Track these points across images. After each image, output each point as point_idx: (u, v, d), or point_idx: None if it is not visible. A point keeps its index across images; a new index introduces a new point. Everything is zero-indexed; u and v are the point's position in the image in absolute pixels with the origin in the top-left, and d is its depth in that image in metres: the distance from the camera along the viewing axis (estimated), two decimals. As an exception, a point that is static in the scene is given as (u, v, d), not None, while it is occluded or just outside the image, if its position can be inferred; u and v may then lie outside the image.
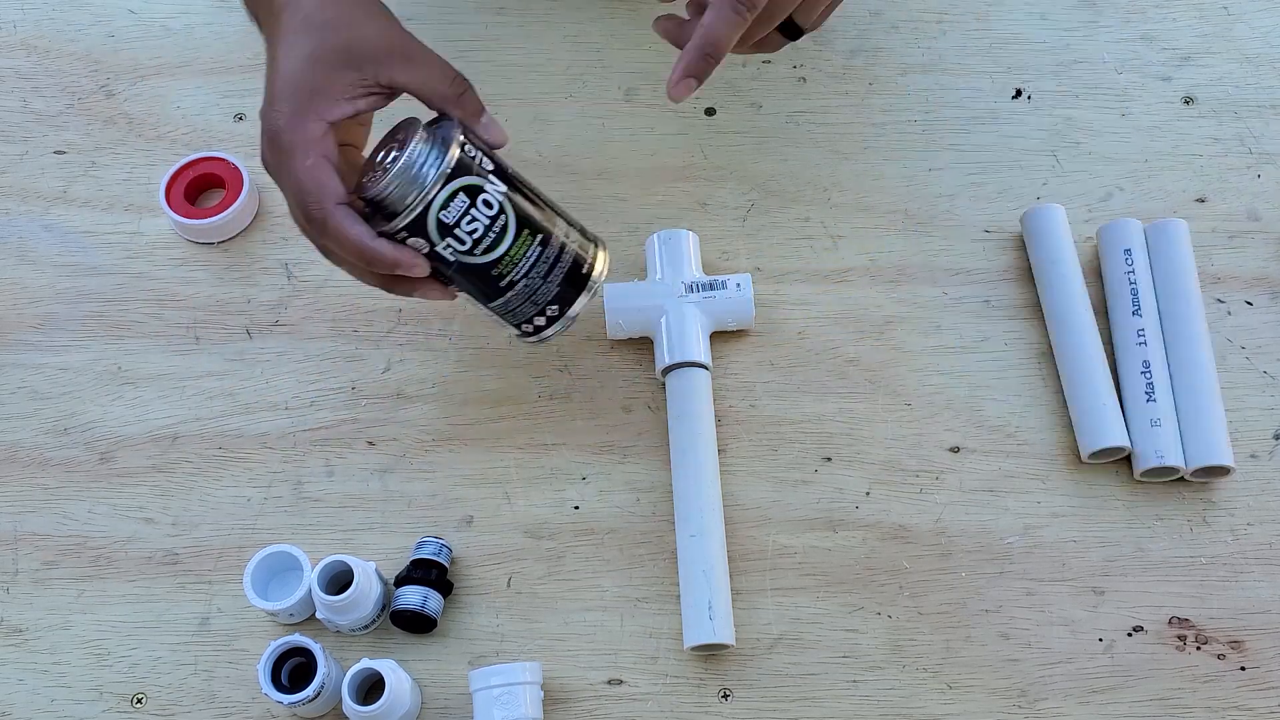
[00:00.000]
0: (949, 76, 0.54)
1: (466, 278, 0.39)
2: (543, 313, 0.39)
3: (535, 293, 0.39)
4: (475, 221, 0.37)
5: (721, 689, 0.42)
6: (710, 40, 0.38)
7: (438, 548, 0.43)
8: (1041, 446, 0.46)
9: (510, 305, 0.39)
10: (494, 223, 0.37)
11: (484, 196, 0.37)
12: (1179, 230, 0.48)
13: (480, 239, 0.37)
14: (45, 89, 0.54)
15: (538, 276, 0.39)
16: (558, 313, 0.39)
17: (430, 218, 0.36)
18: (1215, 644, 0.43)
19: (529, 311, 0.39)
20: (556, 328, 0.40)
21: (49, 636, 0.43)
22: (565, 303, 0.39)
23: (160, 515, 0.45)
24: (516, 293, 0.39)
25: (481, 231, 0.37)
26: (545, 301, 0.39)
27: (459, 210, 0.37)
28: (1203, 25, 0.55)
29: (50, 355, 0.48)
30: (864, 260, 0.50)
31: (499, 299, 0.39)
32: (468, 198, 0.37)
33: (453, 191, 0.36)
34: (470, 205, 0.37)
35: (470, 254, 0.37)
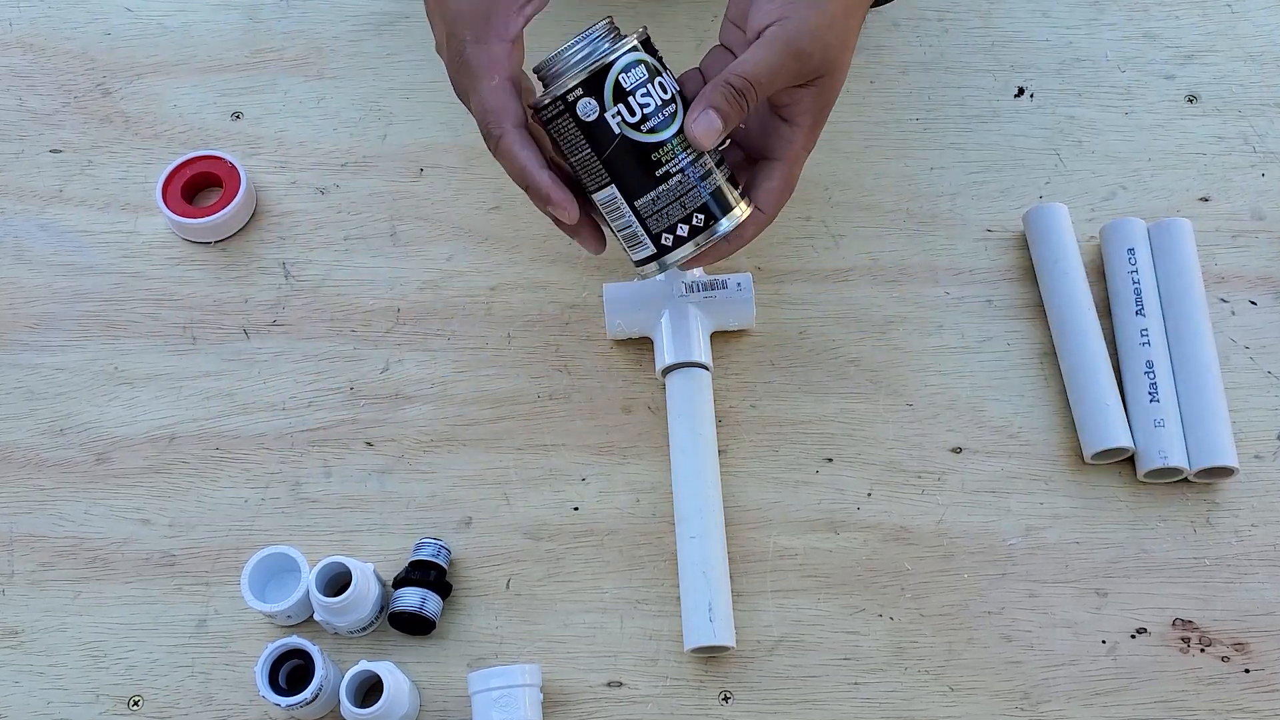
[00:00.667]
0: (950, 74, 0.54)
1: (624, 159, 0.37)
2: (689, 219, 0.38)
3: (687, 194, 0.38)
4: (650, 96, 0.37)
5: (722, 691, 0.42)
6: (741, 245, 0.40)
7: (436, 549, 0.43)
8: (1044, 447, 0.46)
9: (659, 203, 0.38)
10: (666, 105, 0.37)
11: (661, 80, 0.37)
12: (1182, 229, 0.48)
13: (650, 115, 0.37)
14: (41, 87, 0.54)
15: (694, 177, 0.38)
16: (702, 223, 0.38)
17: (610, 76, 0.36)
18: (1219, 646, 0.43)
19: (675, 215, 0.38)
20: (691, 247, 0.38)
21: (45, 638, 0.43)
22: (712, 216, 0.38)
23: (157, 516, 0.45)
24: (670, 187, 0.37)
25: (653, 108, 0.37)
26: (693, 207, 0.38)
27: (638, 80, 0.37)
28: (1206, 23, 0.55)
29: (46, 355, 0.48)
30: (865, 260, 0.50)
31: (650, 192, 0.37)
32: (647, 72, 0.37)
33: (636, 60, 0.37)
34: (648, 80, 0.37)
35: (637, 129, 0.37)
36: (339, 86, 0.54)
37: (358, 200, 0.51)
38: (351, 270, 0.50)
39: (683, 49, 0.54)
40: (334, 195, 0.51)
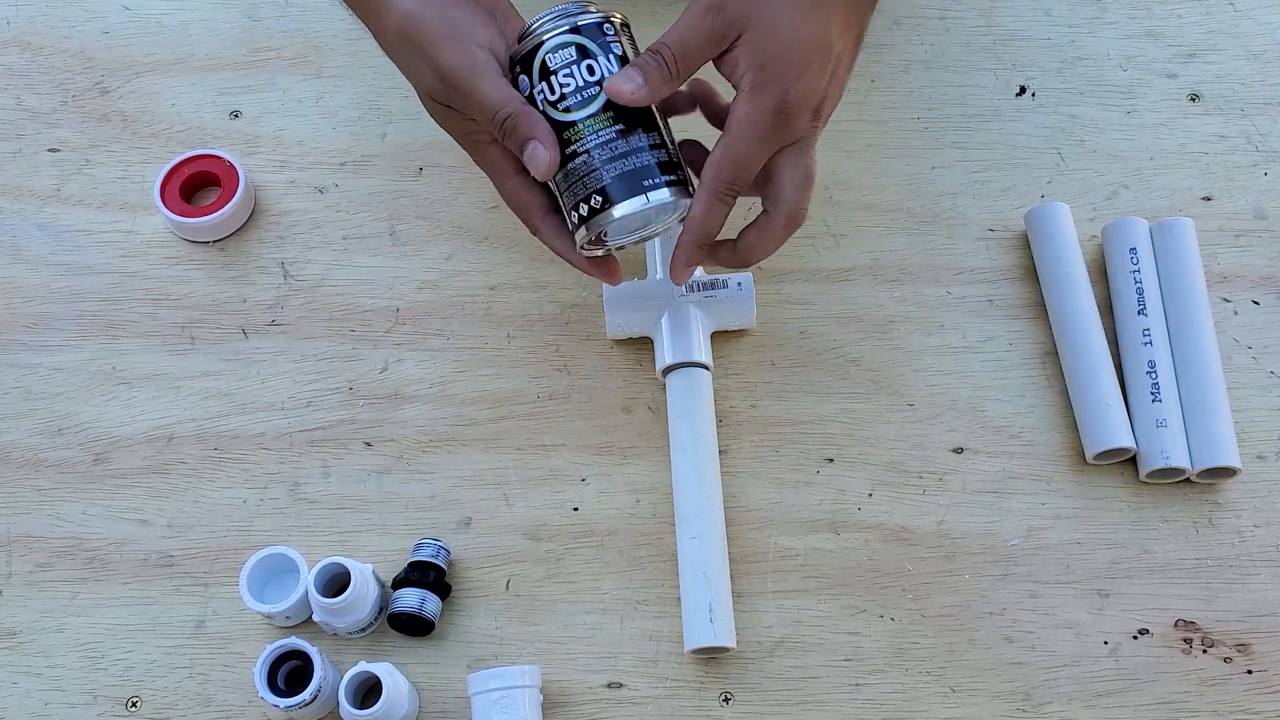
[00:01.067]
0: (952, 73, 0.54)
1: None
2: (587, 200, 0.38)
3: (589, 174, 0.38)
4: (572, 77, 0.38)
5: (723, 692, 0.42)
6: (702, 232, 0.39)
7: (436, 549, 0.43)
8: (1046, 447, 0.46)
9: (570, 178, 0.39)
10: (587, 87, 0.38)
11: (591, 63, 0.38)
12: (1185, 229, 0.48)
13: (568, 95, 0.38)
14: (39, 86, 0.53)
15: (596, 158, 0.38)
16: (599, 205, 0.38)
17: (539, 55, 0.38)
18: (1222, 647, 0.43)
19: (578, 193, 0.39)
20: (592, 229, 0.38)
21: (43, 639, 0.43)
22: (607, 199, 0.38)
23: (155, 517, 0.45)
24: (576, 166, 0.38)
25: (572, 88, 0.38)
26: (593, 188, 0.38)
27: (564, 60, 0.38)
28: (1208, 21, 0.55)
29: (44, 355, 0.48)
30: (866, 259, 0.50)
31: (563, 168, 0.39)
32: (577, 54, 0.38)
33: (568, 42, 0.38)
34: (575, 61, 0.38)
35: (554, 106, 0.38)
36: (338, 85, 0.54)
37: (357, 199, 0.51)
38: (350, 270, 0.50)
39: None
40: (333, 194, 0.51)
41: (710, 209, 0.39)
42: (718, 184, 0.38)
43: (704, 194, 0.39)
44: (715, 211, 0.39)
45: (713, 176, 0.38)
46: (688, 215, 0.39)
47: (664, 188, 0.39)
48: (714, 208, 0.39)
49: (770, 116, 0.38)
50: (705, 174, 0.39)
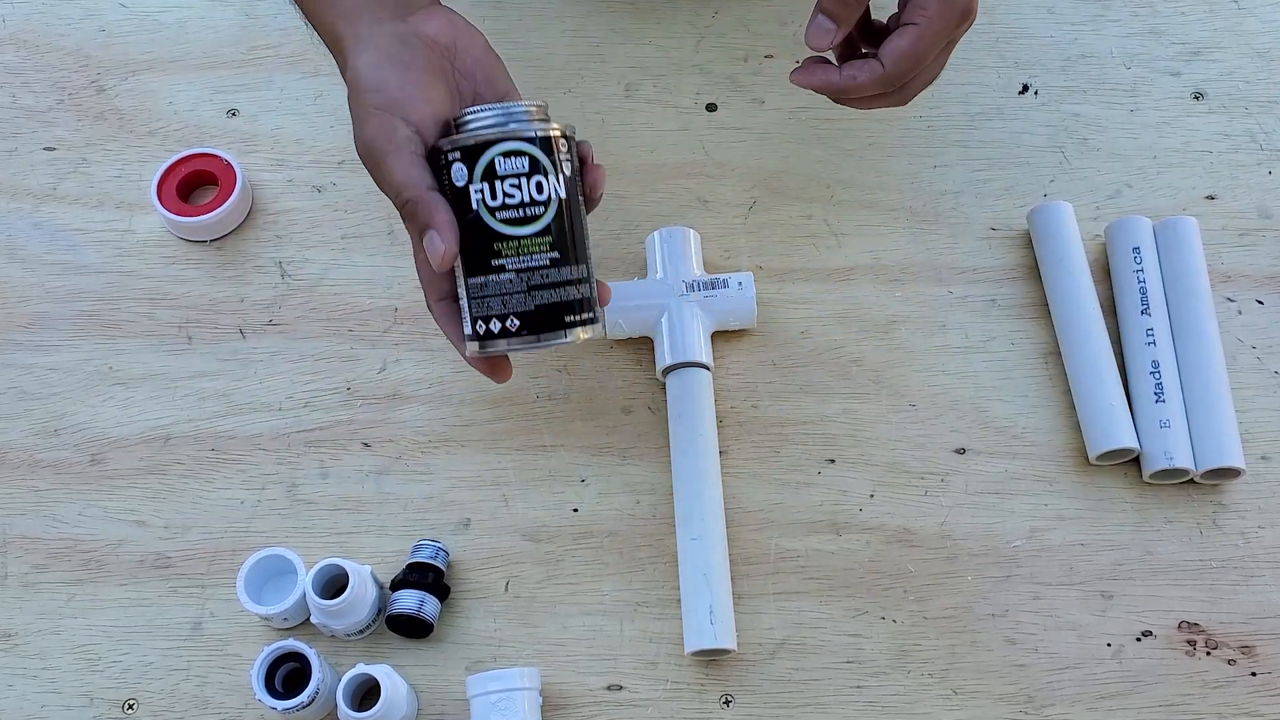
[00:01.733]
0: (954, 71, 0.53)
1: (470, 236, 0.37)
2: (503, 319, 0.37)
3: (510, 294, 0.37)
4: (519, 189, 0.37)
5: (723, 695, 0.42)
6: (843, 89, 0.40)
7: (434, 551, 0.43)
8: (1048, 448, 0.46)
9: (485, 290, 0.37)
10: (533, 204, 0.37)
11: (541, 180, 0.37)
12: (1188, 228, 0.48)
13: (511, 206, 0.37)
14: (35, 84, 0.53)
15: (523, 281, 0.37)
16: (515, 328, 0.37)
17: (487, 154, 0.36)
18: (1226, 649, 0.42)
19: (493, 308, 0.37)
20: (500, 345, 0.38)
21: (38, 641, 0.43)
22: (527, 327, 0.37)
23: (152, 518, 0.45)
24: (498, 281, 0.37)
25: (517, 200, 0.37)
26: (512, 310, 0.37)
27: (514, 169, 0.36)
28: (1213, 19, 0.54)
29: (40, 355, 0.48)
30: (868, 258, 0.49)
31: (480, 276, 0.37)
32: (529, 168, 0.37)
33: (519, 150, 0.37)
34: (525, 174, 0.37)
35: (492, 214, 0.37)
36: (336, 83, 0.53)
37: (355, 198, 0.51)
38: (349, 269, 0.49)
39: (682, 45, 0.54)
40: (331, 193, 0.51)
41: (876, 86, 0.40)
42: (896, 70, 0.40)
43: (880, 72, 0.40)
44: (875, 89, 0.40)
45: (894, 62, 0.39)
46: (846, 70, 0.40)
47: (579, 326, 0.38)
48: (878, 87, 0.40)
49: (958, 14, 0.39)
50: (888, 57, 0.39)
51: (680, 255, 0.47)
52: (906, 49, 0.39)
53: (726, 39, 0.54)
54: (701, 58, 0.54)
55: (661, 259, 0.47)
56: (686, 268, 0.47)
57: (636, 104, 0.52)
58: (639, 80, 0.53)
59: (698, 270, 0.47)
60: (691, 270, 0.47)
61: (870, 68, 0.40)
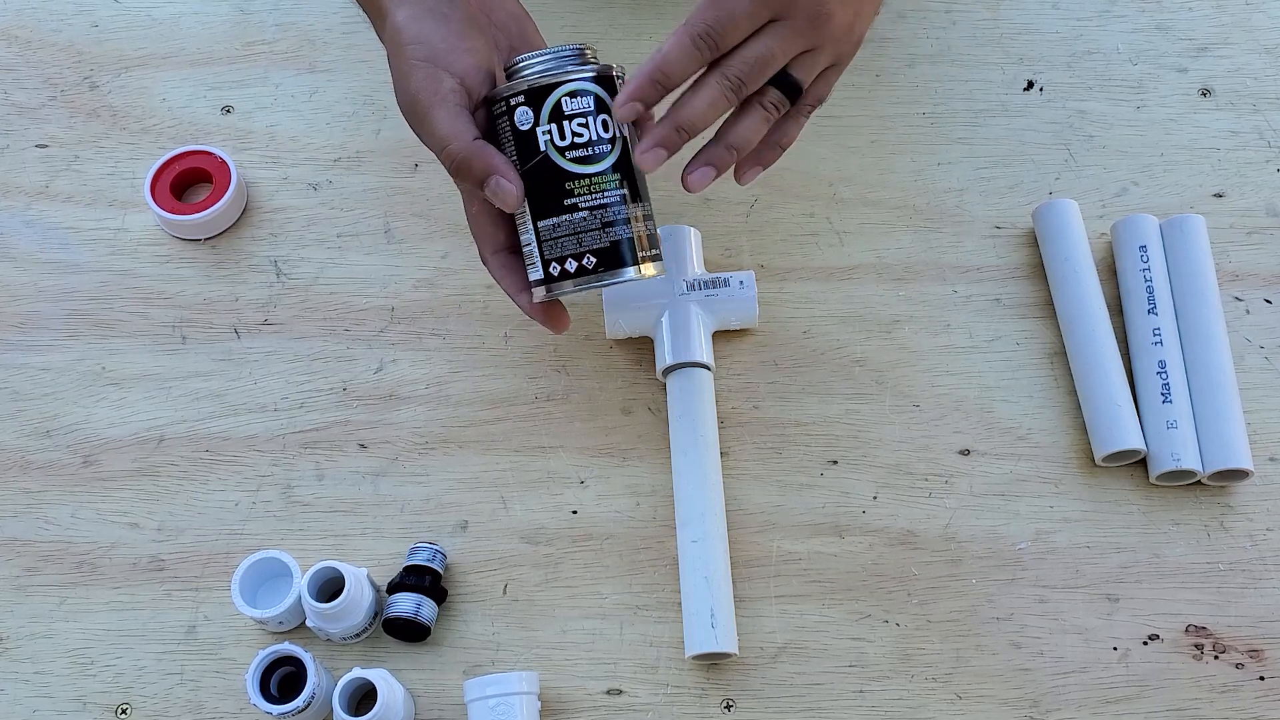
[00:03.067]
0: (958, 68, 0.53)
1: (539, 178, 0.37)
2: (579, 257, 0.37)
3: (585, 232, 0.37)
4: (586, 128, 0.37)
5: (724, 699, 0.41)
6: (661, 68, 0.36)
7: (432, 554, 0.42)
8: (1054, 449, 0.45)
9: (559, 231, 0.37)
10: (600, 142, 0.37)
11: (606, 118, 0.37)
12: (1195, 226, 0.47)
13: (580, 144, 0.37)
14: (27, 81, 0.53)
15: (597, 218, 0.37)
16: (591, 266, 0.37)
17: (554, 95, 0.36)
18: (1233, 653, 0.42)
19: (568, 248, 0.38)
20: (574, 284, 0.38)
21: (30, 645, 0.42)
22: (601, 263, 0.37)
23: (145, 520, 0.44)
24: (572, 220, 0.37)
25: (586, 139, 0.37)
26: (588, 248, 0.37)
27: (580, 108, 0.37)
28: (1220, 15, 0.54)
29: (32, 355, 0.47)
30: (871, 257, 0.49)
31: (553, 218, 0.37)
32: (594, 106, 0.37)
33: (584, 89, 0.37)
34: (591, 113, 0.37)
35: (562, 154, 0.37)
36: (332, 80, 0.53)
37: (351, 196, 0.50)
38: (345, 268, 0.49)
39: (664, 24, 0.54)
40: (327, 191, 0.50)
41: (680, 48, 0.36)
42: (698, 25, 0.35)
43: (681, 30, 0.36)
44: (684, 53, 0.36)
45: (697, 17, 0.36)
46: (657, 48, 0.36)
47: (648, 262, 0.38)
48: (684, 48, 0.36)
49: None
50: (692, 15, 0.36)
51: (681, 254, 0.47)
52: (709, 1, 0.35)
53: (727, 35, 0.54)
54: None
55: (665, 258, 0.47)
56: (687, 266, 0.47)
57: (636, 100, 0.52)
58: (639, 76, 0.53)
59: (698, 269, 0.47)
60: (692, 269, 0.47)
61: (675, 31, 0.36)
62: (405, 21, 0.37)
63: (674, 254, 0.47)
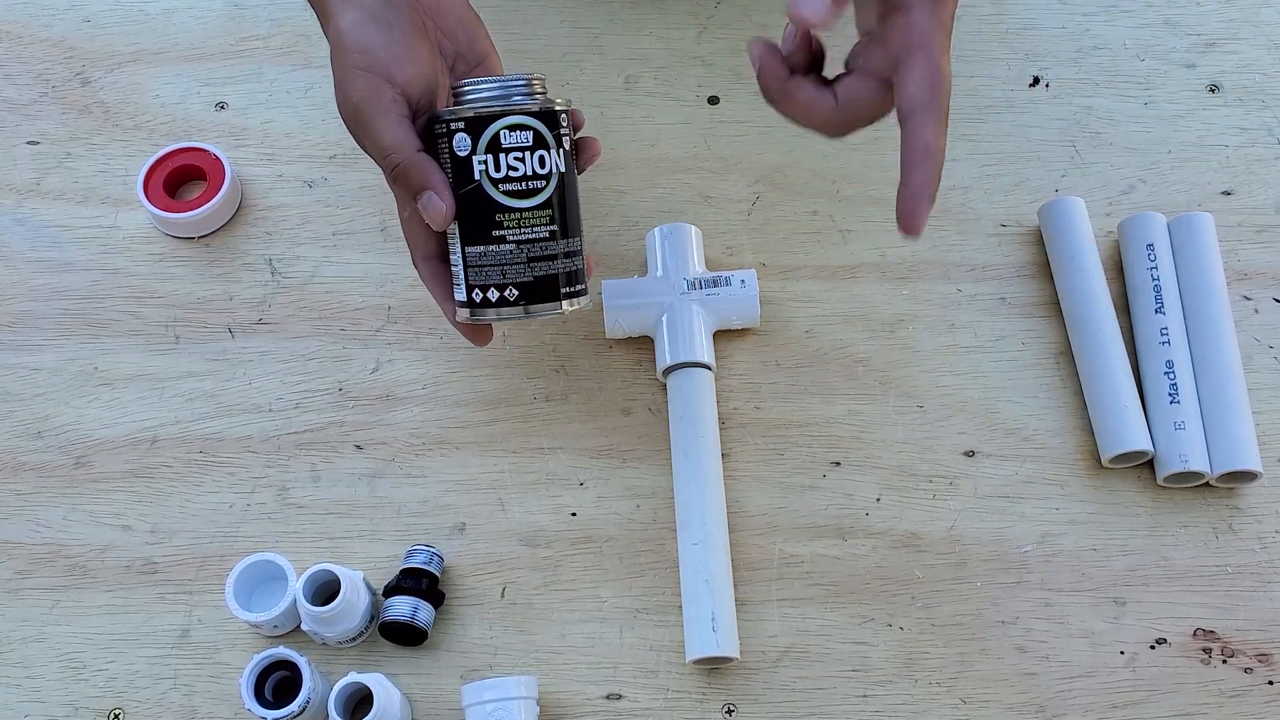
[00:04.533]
0: (963, 64, 0.52)
1: (470, 206, 0.38)
2: (501, 288, 0.38)
3: (510, 265, 0.38)
4: (522, 163, 0.37)
5: (725, 704, 0.41)
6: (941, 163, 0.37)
7: (429, 556, 0.42)
8: (1060, 450, 0.45)
9: (483, 259, 0.38)
10: (535, 178, 0.38)
11: (544, 154, 0.38)
12: (1204, 224, 0.47)
13: (514, 179, 0.37)
14: (18, 77, 0.52)
15: (524, 253, 0.38)
16: (513, 298, 0.38)
17: (493, 126, 0.37)
18: (1242, 657, 0.42)
19: (492, 278, 0.38)
20: (495, 314, 0.39)
21: (22, 649, 0.42)
22: (525, 297, 0.38)
23: (138, 522, 0.44)
24: (499, 251, 0.38)
25: (521, 174, 0.37)
26: (511, 280, 0.38)
27: (518, 142, 0.37)
28: (1228, 10, 0.53)
29: (23, 355, 0.47)
30: (874, 255, 0.48)
31: (480, 246, 0.38)
32: (533, 142, 0.37)
33: (524, 124, 0.37)
34: (529, 148, 0.37)
35: (495, 185, 0.37)
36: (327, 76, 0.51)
37: (347, 194, 0.50)
38: (340, 267, 0.48)
39: (684, 36, 0.53)
40: (322, 189, 0.50)
41: (942, 135, 0.36)
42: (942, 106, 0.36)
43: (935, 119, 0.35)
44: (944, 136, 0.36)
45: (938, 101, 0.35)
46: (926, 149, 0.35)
47: (571, 299, 0.39)
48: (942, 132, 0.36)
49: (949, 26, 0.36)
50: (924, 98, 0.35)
51: (681, 252, 0.46)
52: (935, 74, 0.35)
53: (729, 30, 0.53)
54: (703, 49, 0.53)
55: (662, 256, 0.46)
56: (688, 265, 0.46)
57: (636, 97, 0.52)
58: (639, 72, 0.52)
59: (699, 268, 0.46)
60: (693, 268, 0.46)
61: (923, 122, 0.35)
62: (349, 28, 0.37)
63: (675, 252, 0.46)
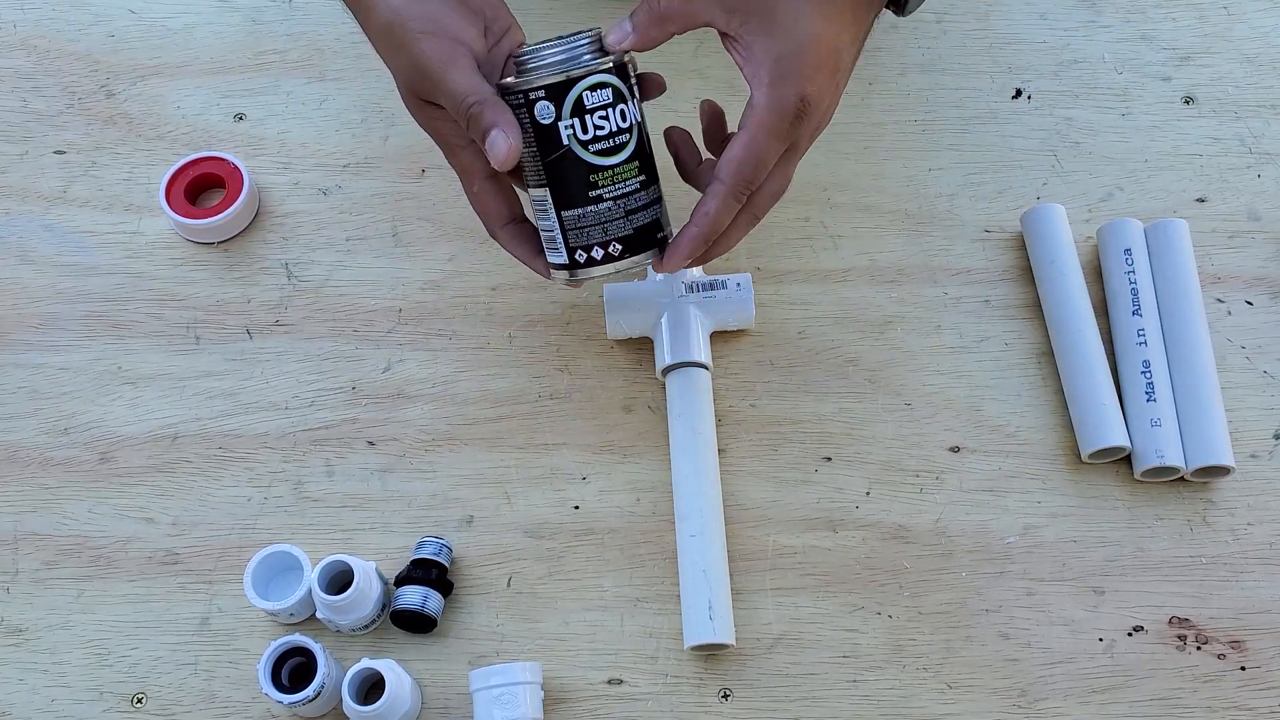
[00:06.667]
0: (949, 76, 0.54)
1: (562, 171, 0.38)
2: (605, 245, 0.38)
3: (611, 221, 0.38)
4: (607, 120, 0.37)
5: (722, 689, 0.42)
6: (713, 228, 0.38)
7: (438, 547, 0.43)
8: (1041, 446, 0.46)
9: (583, 220, 0.38)
10: (620, 133, 0.37)
11: (624, 108, 0.37)
12: (1179, 230, 0.48)
13: (602, 138, 0.37)
14: (45, 89, 0.54)
15: (621, 207, 0.38)
16: (618, 253, 0.38)
17: (575, 89, 0.36)
18: (1215, 644, 0.43)
19: (594, 237, 0.38)
20: (602, 270, 0.39)
21: (49, 636, 0.43)
22: (627, 248, 0.38)
23: (160, 515, 0.45)
24: (597, 210, 0.38)
25: (607, 131, 0.37)
26: (614, 236, 0.38)
27: (601, 100, 0.37)
28: (1203, 25, 0.55)
29: (51, 355, 0.48)
30: (864, 260, 0.50)
31: (578, 208, 0.38)
32: (613, 96, 0.37)
33: (606, 82, 0.37)
34: (611, 105, 0.37)
35: (585, 146, 0.37)
36: (341, 88, 0.54)
37: (360, 201, 0.51)
38: (354, 271, 0.50)
39: (682, 50, 0.54)
40: (336, 196, 0.51)
41: (726, 206, 0.38)
42: (738, 181, 0.37)
43: (722, 190, 0.37)
44: (728, 210, 0.38)
45: (733, 173, 0.37)
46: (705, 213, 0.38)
47: (662, 241, 0.39)
48: (729, 206, 0.38)
49: (791, 112, 0.37)
50: (724, 170, 0.37)
51: (680, 257, 0.48)
52: (741, 156, 0.37)
53: (725, 44, 0.55)
54: (700, 63, 0.54)
55: (661, 260, 0.48)
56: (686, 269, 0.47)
57: (636, 108, 0.53)
58: (639, 85, 0.54)
59: (697, 271, 0.48)
60: (691, 271, 0.47)
61: (714, 192, 0.37)
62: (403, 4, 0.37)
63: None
